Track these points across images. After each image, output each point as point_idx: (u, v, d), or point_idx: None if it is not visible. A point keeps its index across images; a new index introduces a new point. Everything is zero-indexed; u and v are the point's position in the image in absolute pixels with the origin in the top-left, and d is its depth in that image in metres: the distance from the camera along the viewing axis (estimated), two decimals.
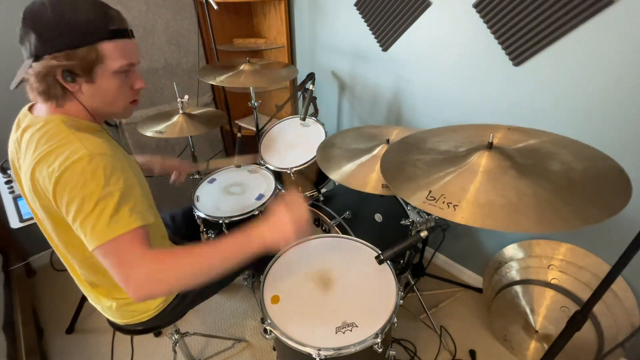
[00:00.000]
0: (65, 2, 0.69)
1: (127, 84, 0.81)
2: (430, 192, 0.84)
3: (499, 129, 1.01)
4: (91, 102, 0.78)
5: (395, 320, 0.97)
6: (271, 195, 1.53)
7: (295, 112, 2.29)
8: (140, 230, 0.72)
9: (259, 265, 1.28)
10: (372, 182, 1.16)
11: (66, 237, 0.84)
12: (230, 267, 0.76)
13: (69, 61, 0.69)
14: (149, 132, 1.54)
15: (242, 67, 1.70)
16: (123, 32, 0.75)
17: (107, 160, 0.71)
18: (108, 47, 0.72)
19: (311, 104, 1.73)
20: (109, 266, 0.71)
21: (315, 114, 1.84)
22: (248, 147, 1.97)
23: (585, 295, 1.27)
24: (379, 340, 0.91)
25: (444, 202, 0.80)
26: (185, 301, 1.09)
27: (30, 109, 0.83)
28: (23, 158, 0.77)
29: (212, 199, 1.55)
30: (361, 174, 1.20)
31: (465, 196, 0.80)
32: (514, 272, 1.48)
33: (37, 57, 0.69)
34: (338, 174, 1.22)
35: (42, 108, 0.80)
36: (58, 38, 0.68)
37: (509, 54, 1.26)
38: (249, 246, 0.79)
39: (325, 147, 1.36)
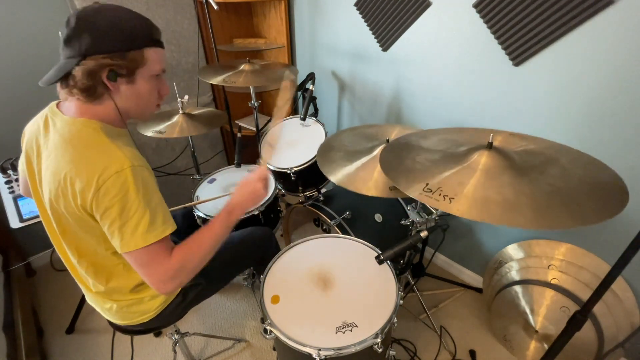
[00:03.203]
0: (118, 12, 0.77)
1: (157, 88, 0.88)
2: (427, 184, 0.84)
3: (501, 133, 1.01)
4: (124, 102, 0.83)
5: (395, 320, 0.98)
6: (271, 195, 1.53)
7: (295, 112, 2.29)
8: (169, 236, 0.82)
9: (259, 265, 1.29)
10: (375, 184, 1.16)
11: (79, 240, 0.86)
12: (225, 237, 0.94)
13: (120, 61, 0.76)
14: (149, 132, 1.54)
15: (242, 67, 1.70)
16: (161, 42, 0.85)
17: (144, 171, 0.78)
18: (150, 53, 0.81)
19: (311, 104, 1.73)
20: (139, 269, 0.81)
21: (315, 114, 1.84)
22: (248, 147, 1.97)
23: (585, 295, 1.27)
24: (379, 340, 0.91)
25: (440, 195, 0.81)
26: (185, 301, 1.09)
27: (58, 106, 0.86)
28: (55, 157, 0.78)
29: None
30: (364, 176, 1.19)
31: (462, 190, 0.81)
32: (513, 272, 1.48)
33: (85, 56, 0.74)
34: (340, 178, 1.21)
35: (71, 107, 0.81)
36: (113, 40, 0.75)
37: (509, 54, 1.26)
38: (234, 217, 0.95)
39: (325, 151, 1.36)
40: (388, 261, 1.06)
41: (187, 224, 1.48)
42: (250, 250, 1.29)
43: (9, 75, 1.60)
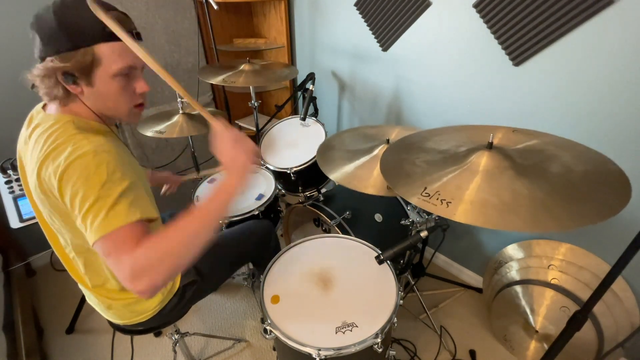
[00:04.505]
0: (67, 6, 0.70)
1: (130, 87, 0.80)
2: (425, 188, 0.84)
3: (502, 130, 1.01)
4: (94, 105, 0.79)
5: (395, 320, 0.97)
6: (271, 195, 1.53)
7: (295, 112, 2.29)
8: (140, 224, 0.71)
9: (258, 260, 1.28)
10: (374, 183, 1.16)
11: (72, 236, 0.84)
12: (216, 224, 0.75)
13: (66, 63, 0.71)
14: (149, 132, 1.54)
15: (242, 67, 1.70)
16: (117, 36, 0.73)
17: (110, 157, 0.72)
18: (105, 50, 0.73)
19: (311, 104, 1.73)
20: (110, 262, 0.69)
21: (315, 114, 1.84)
22: None
23: (585, 295, 1.27)
24: (379, 340, 0.91)
25: (438, 199, 0.80)
26: (184, 299, 1.09)
27: (44, 106, 0.85)
28: (30, 155, 0.78)
29: None
30: (363, 175, 1.19)
31: (459, 194, 0.81)
32: (514, 272, 1.48)
33: (41, 59, 0.72)
34: (340, 176, 1.21)
35: (52, 106, 0.81)
36: (57, 40, 0.70)
37: (509, 54, 1.26)
38: (224, 196, 0.77)
39: (325, 150, 1.36)
40: (388, 261, 1.06)
41: None
42: (248, 244, 1.27)
43: (9, 75, 1.60)
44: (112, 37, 0.72)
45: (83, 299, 1.71)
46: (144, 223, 0.72)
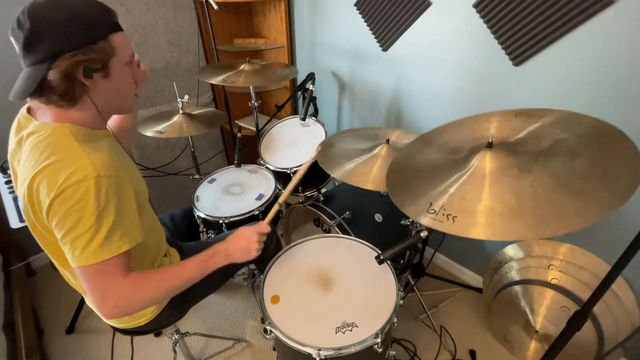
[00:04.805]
0: (68, 2, 0.70)
1: (131, 75, 0.84)
2: (430, 204, 0.82)
3: (500, 117, 0.98)
4: (103, 99, 0.79)
5: (395, 320, 0.97)
6: (271, 195, 1.53)
7: (295, 112, 2.29)
8: (125, 254, 0.76)
9: (258, 261, 1.27)
10: (374, 179, 1.16)
11: (55, 246, 0.82)
12: (198, 280, 0.90)
13: (92, 55, 0.71)
14: (149, 132, 1.54)
15: (242, 67, 1.70)
16: (120, 25, 0.78)
17: (110, 182, 0.72)
18: (117, 39, 0.75)
19: (311, 104, 1.73)
20: (87, 285, 0.75)
21: (315, 114, 1.84)
22: (248, 147, 1.97)
23: (585, 295, 1.27)
24: (379, 340, 0.91)
25: (444, 215, 0.78)
26: (182, 302, 1.09)
27: (30, 111, 0.81)
28: (23, 163, 0.75)
29: (212, 199, 1.55)
30: (363, 171, 1.19)
31: (464, 206, 0.78)
32: (514, 272, 1.48)
33: (53, 59, 0.68)
34: (340, 173, 1.21)
35: (45, 113, 0.77)
36: (77, 34, 0.69)
37: (509, 54, 1.26)
38: (213, 262, 0.93)
39: (325, 147, 1.36)
40: (388, 261, 1.06)
41: (187, 224, 1.48)
42: None
43: (9, 75, 1.60)
44: (119, 27, 0.77)
45: (83, 299, 1.71)
46: (129, 253, 0.78)
